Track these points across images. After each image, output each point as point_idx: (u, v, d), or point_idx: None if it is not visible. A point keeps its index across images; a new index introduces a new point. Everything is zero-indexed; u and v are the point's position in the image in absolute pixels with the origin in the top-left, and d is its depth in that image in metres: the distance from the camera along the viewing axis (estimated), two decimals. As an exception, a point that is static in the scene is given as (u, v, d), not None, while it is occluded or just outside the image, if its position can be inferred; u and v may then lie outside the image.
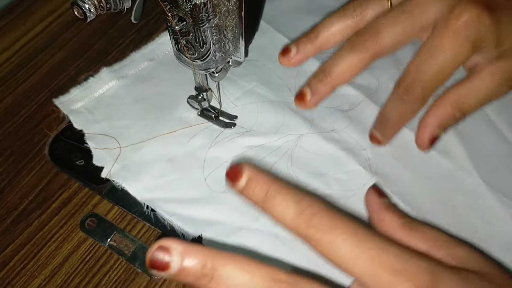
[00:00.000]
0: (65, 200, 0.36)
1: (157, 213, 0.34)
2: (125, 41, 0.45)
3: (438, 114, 0.32)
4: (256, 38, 0.44)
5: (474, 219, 0.33)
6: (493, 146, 0.36)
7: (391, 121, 0.34)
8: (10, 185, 0.37)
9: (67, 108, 0.40)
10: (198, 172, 0.36)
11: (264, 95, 0.40)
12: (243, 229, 0.33)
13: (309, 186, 0.35)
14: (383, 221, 0.29)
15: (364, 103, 0.39)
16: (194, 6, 0.29)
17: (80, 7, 0.40)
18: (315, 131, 0.38)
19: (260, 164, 0.36)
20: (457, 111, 0.32)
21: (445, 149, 0.36)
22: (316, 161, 0.36)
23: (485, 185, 0.34)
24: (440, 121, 0.32)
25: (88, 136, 0.38)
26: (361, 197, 0.34)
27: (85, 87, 0.41)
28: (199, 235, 0.33)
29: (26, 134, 0.40)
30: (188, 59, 0.33)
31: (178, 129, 0.38)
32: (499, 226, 0.33)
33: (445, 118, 0.32)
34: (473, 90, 0.32)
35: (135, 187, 0.35)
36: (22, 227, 0.35)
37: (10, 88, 0.43)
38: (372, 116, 0.38)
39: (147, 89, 0.41)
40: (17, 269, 0.33)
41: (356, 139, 0.37)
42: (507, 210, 0.33)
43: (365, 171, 0.35)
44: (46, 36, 0.46)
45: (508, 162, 0.36)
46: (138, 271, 0.33)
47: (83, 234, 0.34)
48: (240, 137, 0.38)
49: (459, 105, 0.32)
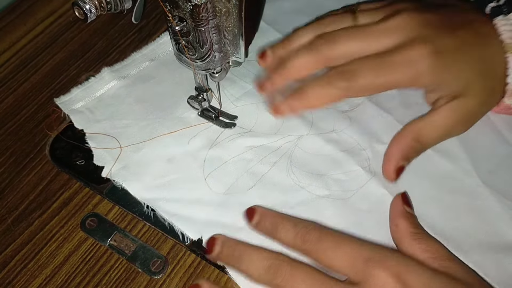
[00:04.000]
0: (65, 200, 0.36)
1: (157, 213, 0.34)
2: (125, 42, 0.46)
3: (400, 145, 0.34)
4: (257, 39, 0.44)
5: (473, 220, 0.33)
6: (493, 147, 0.36)
7: (305, 95, 0.34)
8: (11, 185, 0.37)
9: (68, 108, 0.40)
10: (198, 172, 0.36)
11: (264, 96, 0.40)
12: (242, 230, 0.33)
13: (308, 186, 0.35)
14: (396, 226, 0.32)
15: (364, 104, 0.39)
16: (194, 6, 0.30)
17: (80, 7, 0.40)
18: (315, 132, 0.38)
19: (259, 165, 0.36)
20: (417, 143, 0.34)
21: (445, 149, 0.36)
22: (316, 161, 0.36)
23: (484, 186, 0.34)
24: (403, 153, 0.34)
25: (88, 136, 0.38)
26: (360, 198, 0.34)
27: (86, 87, 0.41)
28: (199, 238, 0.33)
29: (26, 134, 0.40)
30: (188, 59, 0.33)
31: (179, 129, 0.38)
32: (498, 227, 0.33)
33: (406, 149, 0.34)
34: (431, 124, 0.34)
35: (135, 187, 0.35)
36: (22, 226, 0.35)
37: (10, 88, 0.43)
38: (373, 117, 0.38)
39: (148, 89, 0.41)
40: (18, 268, 0.33)
41: (356, 140, 0.37)
42: (506, 211, 0.33)
43: (365, 172, 0.35)
44: (46, 37, 0.46)
45: (507, 163, 0.36)
46: (139, 271, 0.33)
47: (84, 234, 0.34)
48: (240, 137, 0.38)
49: (419, 138, 0.34)
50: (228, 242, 0.31)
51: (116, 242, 0.34)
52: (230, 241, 0.32)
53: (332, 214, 0.34)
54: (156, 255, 0.33)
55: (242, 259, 0.30)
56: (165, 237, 0.34)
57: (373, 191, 0.35)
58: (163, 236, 0.34)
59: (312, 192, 0.35)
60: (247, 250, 0.30)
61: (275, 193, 0.35)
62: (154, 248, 0.33)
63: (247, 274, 0.30)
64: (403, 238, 0.31)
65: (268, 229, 0.32)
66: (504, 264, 0.31)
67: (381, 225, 0.33)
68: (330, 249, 0.29)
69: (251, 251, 0.30)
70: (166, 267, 0.33)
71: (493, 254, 0.31)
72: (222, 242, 0.31)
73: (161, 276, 0.32)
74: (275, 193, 0.35)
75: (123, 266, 0.33)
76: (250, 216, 0.32)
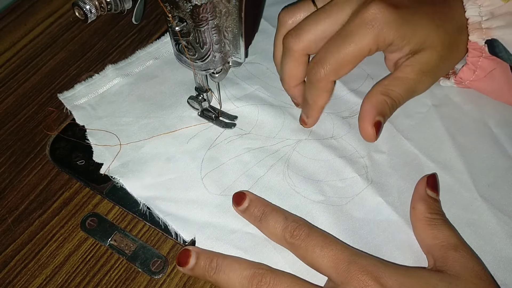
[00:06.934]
0: (66, 200, 0.36)
1: (152, 211, 0.34)
2: (125, 42, 0.46)
3: (372, 102, 0.34)
4: (260, 41, 0.44)
5: (468, 234, 0.32)
6: (493, 160, 0.36)
7: (308, 103, 0.36)
8: (11, 185, 0.37)
9: (70, 103, 0.40)
10: (196, 173, 0.36)
11: (265, 99, 0.40)
12: (236, 232, 0.33)
13: (304, 191, 0.35)
14: (414, 209, 0.33)
15: None
16: (194, 7, 0.30)
17: (81, 7, 0.40)
18: (314, 138, 0.38)
19: (256, 167, 0.36)
20: (387, 97, 0.34)
21: (444, 161, 0.36)
22: (313, 167, 0.36)
23: (481, 200, 0.34)
24: (376, 108, 0.34)
25: (89, 132, 0.38)
26: (356, 205, 0.34)
27: (89, 83, 0.41)
28: (192, 238, 0.33)
29: (27, 134, 0.40)
30: (188, 59, 0.34)
31: (178, 129, 0.38)
32: (493, 242, 0.32)
33: (379, 104, 0.34)
34: (396, 80, 0.34)
35: (133, 184, 0.35)
36: (23, 226, 0.35)
37: (11, 89, 0.43)
38: None
39: (150, 87, 0.41)
40: (18, 268, 0.33)
41: (354, 147, 0.37)
42: (502, 226, 0.33)
43: (362, 179, 0.35)
44: (47, 37, 0.46)
45: (507, 177, 0.35)
46: (139, 271, 0.33)
47: (84, 234, 0.34)
48: (239, 139, 0.38)
49: (388, 92, 0.34)
50: (203, 253, 0.31)
51: (116, 242, 0.34)
52: (205, 252, 0.31)
53: (326, 220, 0.33)
54: (156, 255, 0.33)
55: (221, 270, 0.30)
56: (165, 237, 0.34)
57: (368, 199, 0.34)
58: (163, 236, 0.34)
59: (307, 197, 0.34)
60: (226, 260, 0.30)
61: (270, 197, 0.34)
62: (154, 248, 0.34)
63: (228, 285, 0.29)
64: (417, 222, 0.32)
65: (256, 216, 0.32)
66: (499, 279, 0.30)
67: (375, 234, 0.33)
68: (318, 247, 0.29)
69: (230, 261, 0.30)
70: (166, 267, 0.33)
71: (487, 269, 0.30)
72: (196, 253, 0.31)
73: (161, 276, 0.32)
74: (270, 197, 0.34)
75: (123, 266, 0.33)
76: (239, 201, 0.33)
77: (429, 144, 0.37)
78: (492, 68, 0.36)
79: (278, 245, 0.32)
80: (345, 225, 0.33)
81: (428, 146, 0.37)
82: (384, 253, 0.32)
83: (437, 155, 0.36)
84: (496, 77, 0.36)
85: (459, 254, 0.29)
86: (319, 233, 0.30)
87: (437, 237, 0.30)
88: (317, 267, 0.29)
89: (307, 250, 0.29)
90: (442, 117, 0.38)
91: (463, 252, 0.29)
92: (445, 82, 0.39)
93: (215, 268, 0.30)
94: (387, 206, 0.34)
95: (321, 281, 0.30)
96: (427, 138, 0.37)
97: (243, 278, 0.29)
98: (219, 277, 0.30)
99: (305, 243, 0.30)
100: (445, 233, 0.30)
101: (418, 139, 0.37)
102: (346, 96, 0.40)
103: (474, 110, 0.39)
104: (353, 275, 0.28)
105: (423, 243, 0.31)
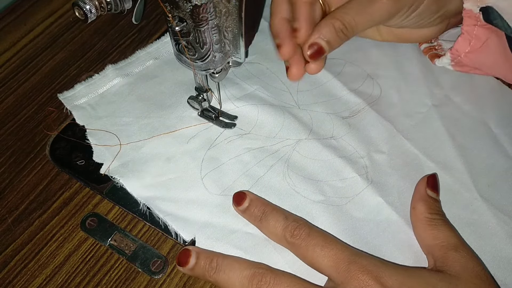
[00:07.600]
0: (66, 200, 0.36)
1: (152, 211, 0.34)
2: (125, 42, 0.46)
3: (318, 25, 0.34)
4: (260, 41, 0.44)
5: (468, 234, 0.32)
6: (493, 160, 0.36)
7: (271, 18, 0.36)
8: (11, 185, 0.37)
9: (70, 103, 0.40)
10: (196, 173, 0.36)
11: (265, 99, 0.40)
12: (236, 232, 0.33)
13: (304, 191, 0.35)
14: (414, 210, 0.33)
15: (365, 110, 0.39)
16: (194, 7, 0.30)
17: (81, 8, 0.40)
18: (314, 137, 0.38)
19: (256, 167, 0.36)
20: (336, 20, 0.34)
21: (444, 161, 0.36)
22: (313, 167, 0.36)
23: (481, 200, 0.34)
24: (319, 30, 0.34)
25: (89, 132, 0.38)
26: (356, 205, 0.34)
27: (89, 83, 0.41)
28: (192, 238, 0.33)
29: (27, 134, 0.40)
30: (188, 59, 0.34)
31: (178, 129, 0.38)
32: (493, 242, 0.32)
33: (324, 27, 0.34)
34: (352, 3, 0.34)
35: (133, 184, 0.35)
36: (23, 226, 0.35)
37: (11, 88, 0.43)
38: (372, 125, 0.38)
39: (150, 87, 0.41)
40: (18, 268, 0.33)
41: (354, 147, 0.37)
42: (502, 226, 0.33)
43: (361, 179, 0.35)
44: (46, 37, 0.46)
45: (507, 177, 0.35)
46: (139, 271, 0.33)
47: (84, 234, 0.34)
48: (239, 139, 0.38)
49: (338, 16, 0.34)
50: (203, 253, 0.31)
51: (116, 242, 0.34)
52: (205, 252, 0.31)
53: (326, 219, 0.33)
54: (156, 255, 0.33)
55: (221, 270, 0.30)
56: (165, 237, 0.34)
57: (368, 199, 0.34)
58: (163, 236, 0.34)
59: (307, 197, 0.35)
60: (226, 260, 0.30)
61: (270, 197, 0.34)
62: (154, 248, 0.34)
63: (228, 284, 0.29)
64: (417, 222, 0.32)
65: (256, 216, 0.32)
66: (499, 279, 0.31)
67: (375, 234, 0.33)
68: (318, 247, 0.29)
69: (230, 261, 0.30)
70: (166, 267, 0.33)
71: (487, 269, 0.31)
72: (196, 253, 0.31)
73: (161, 276, 0.32)
74: (270, 197, 0.34)
75: (123, 266, 0.33)
76: (239, 200, 0.33)
77: (429, 144, 0.37)
78: (487, 37, 0.35)
79: (278, 245, 0.32)
80: (345, 225, 0.33)
81: (428, 146, 0.37)
82: (384, 253, 0.32)
83: (437, 155, 0.36)
84: (491, 48, 0.36)
85: (459, 254, 0.29)
86: (320, 233, 0.30)
87: (437, 237, 0.30)
88: (317, 267, 0.29)
89: (307, 250, 0.30)
90: (442, 117, 0.38)
91: (463, 252, 0.29)
92: (441, 61, 0.39)
93: (215, 268, 0.30)
94: (387, 206, 0.34)
95: (321, 281, 0.30)
96: (427, 138, 0.37)
97: (243, 277, 0.29)
98: (219, 277, 0.30)
99: (305, 243, 0.30)
100: (445, 233, 0.30)
101: (418, 139, 0.37)
102: (346, 96, 0.40)
103: (474, 110, 0.39)
104: (353, 275, 0.28)
105: (423, 243, 0.31)
